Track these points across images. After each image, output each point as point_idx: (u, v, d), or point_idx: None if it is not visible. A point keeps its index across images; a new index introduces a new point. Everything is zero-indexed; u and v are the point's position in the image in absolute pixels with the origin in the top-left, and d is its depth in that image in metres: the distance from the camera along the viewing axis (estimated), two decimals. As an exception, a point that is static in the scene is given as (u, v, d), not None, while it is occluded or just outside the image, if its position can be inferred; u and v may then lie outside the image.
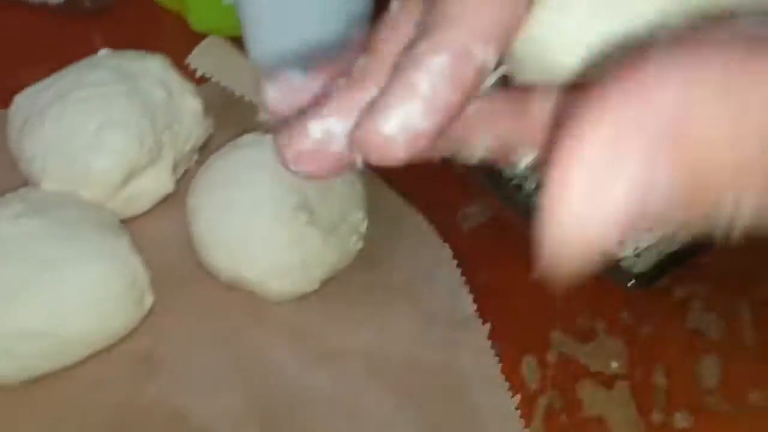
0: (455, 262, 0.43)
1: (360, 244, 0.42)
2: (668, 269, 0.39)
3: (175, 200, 0.45)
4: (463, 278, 0.42)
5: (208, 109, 0.46)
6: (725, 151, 0.13)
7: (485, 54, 0.18)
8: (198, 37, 0.52)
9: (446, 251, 0.43)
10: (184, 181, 0.45)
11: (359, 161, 0.19)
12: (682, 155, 0.13)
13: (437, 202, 0.47)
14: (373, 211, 0.43)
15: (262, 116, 0.45)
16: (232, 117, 0.47)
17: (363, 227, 0.42)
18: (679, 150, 0.13)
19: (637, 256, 0.40)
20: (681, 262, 0.40)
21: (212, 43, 0.45)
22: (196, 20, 0.54)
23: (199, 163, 0.45)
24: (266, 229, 0.40)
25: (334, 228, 0.40)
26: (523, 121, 0.20)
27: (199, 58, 0.44)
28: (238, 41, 0.47)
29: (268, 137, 0.42)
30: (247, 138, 0.42)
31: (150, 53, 0.46)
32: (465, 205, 0.47)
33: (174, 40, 0.55)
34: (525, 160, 0.20)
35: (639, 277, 0.38)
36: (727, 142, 0.13)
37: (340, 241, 0.41)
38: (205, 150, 0.46)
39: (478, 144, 0.20)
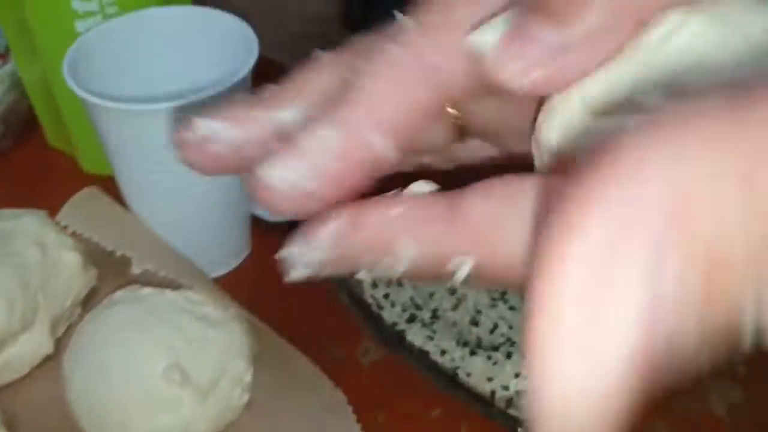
0: (350, 407, 0.41)
1: (245, 397, 0.40)
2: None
3: (56, 360, 0.42)
4: (359, 424, 0.40)
5: (92, 260, 0.45)
6: (740, 236, 0.11)
7: (382, 144, 0.18)
8: (92, 179, 0.51)
9: (339, 396, 0.41)
10: (67, 337, 0.43)
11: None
12: (692, 250, 0.11)
13: (336, 336, 0.45)
14: (259, 358, 0.41)
15: (135, 269, 0.44)
16: (117, 267, 0.45)
17: (247, 378, 0.40)
18: (687, 245, 0.11)
19: (519, 392, 0.38)
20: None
21: (86, 195, 0.43)
22: (87, 163, 0.53)
23: (84, 317, 0.43)
24: (138, 394, 0.37)
25: (214, 384, 0.38)
26: (455, 225, 0.16)
27: (71, 212, 0.42)
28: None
29: (144, 291, 0.41)
30: (120, 294, 0.40)
31: (26, 210, 0.45)
32: (365, 338, 0.45)
33: (69, 183, 0.54)
34: (462, 271, 0.16)
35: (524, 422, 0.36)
36: (739, 226, 0.11)
37: (222, 397, 0.38)
38: (90, 303, 0.45)
39: (401, 253, 0.17)
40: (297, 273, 0.19)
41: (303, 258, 0.19)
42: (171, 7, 0.47)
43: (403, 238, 0.17)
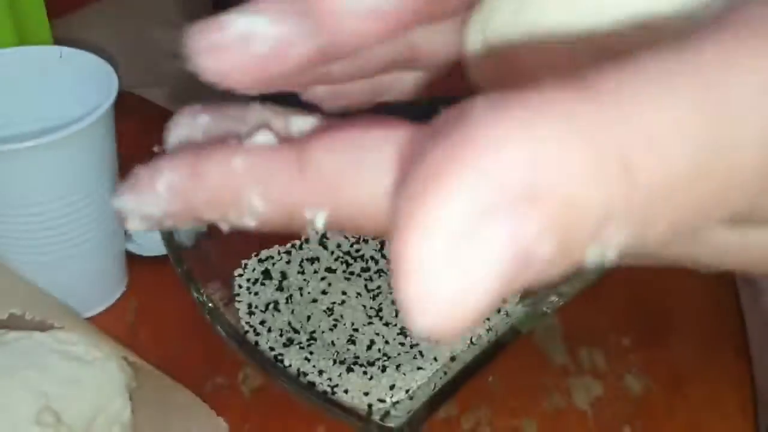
0: (232, 435, 0.41)
1: (124, 434, 0.40)
2: (428, 415, 0.39)
3: None
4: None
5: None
6: (592, 193, 0.12)
7: None
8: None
9: (222, 425, 0.41)
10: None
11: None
12: (550, 210, 0.12)
13: (215, 365, 0.45)
14: (138, 394, 0.41)
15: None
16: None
17: (125, 415, 0.39)
18: (545, 205, 0.12)
19: (396, 403, 0.40)
20: (439, 406, 0.39)
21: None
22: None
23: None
24: (9, 442, 0.37)
25: (89, 424, 0.38)
26: (304, 177, 0.15)
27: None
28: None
29: (10, 335, 0.40)
30: (-16, 341, 0.39)
31: None
32: (245, 365, 0.45)
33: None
34: (317, 222, 0.16)
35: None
36: (591, 185, 0.12)
37: (99, 437, 0.38)
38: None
39: (248, 206, 0.16)
40: (134, 225, 0.17)
41: (138, 212, 0.16)
42: (27, 47, 0.46)
43: (249, 191, 0.16)
